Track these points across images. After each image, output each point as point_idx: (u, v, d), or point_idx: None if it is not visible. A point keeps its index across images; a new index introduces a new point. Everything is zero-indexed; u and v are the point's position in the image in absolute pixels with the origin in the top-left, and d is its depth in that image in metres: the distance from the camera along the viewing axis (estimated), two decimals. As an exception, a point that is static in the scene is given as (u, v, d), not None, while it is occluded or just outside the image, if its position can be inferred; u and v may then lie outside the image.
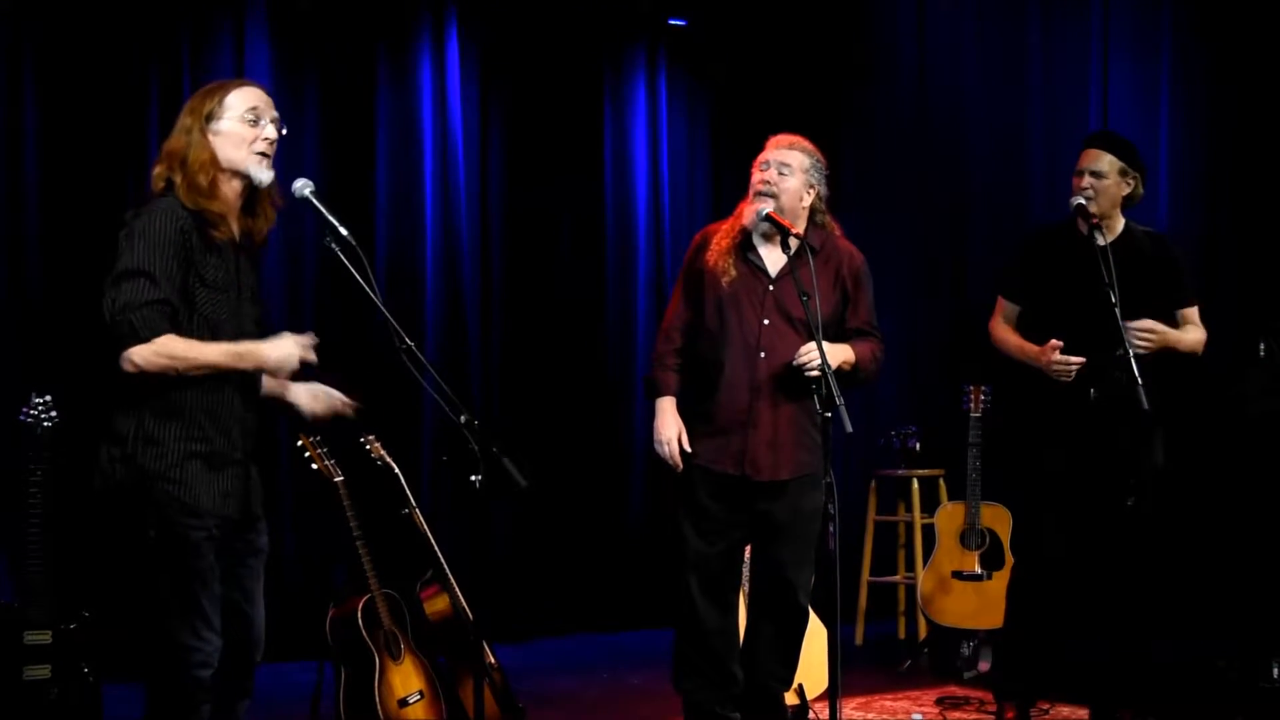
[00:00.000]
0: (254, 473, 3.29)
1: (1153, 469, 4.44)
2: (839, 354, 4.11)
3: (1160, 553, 4.55)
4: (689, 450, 4.20)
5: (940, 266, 7.23)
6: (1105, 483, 4.42)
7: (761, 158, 4.25)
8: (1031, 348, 4.47)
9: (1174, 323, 4.51)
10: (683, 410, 4.27)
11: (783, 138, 4.29)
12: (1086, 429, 4.41)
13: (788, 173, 4.19)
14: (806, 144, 4.27)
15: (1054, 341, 4.38)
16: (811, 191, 4.23)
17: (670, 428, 4.22)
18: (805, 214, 4.24)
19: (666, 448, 4.21)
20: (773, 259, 4.24)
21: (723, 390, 4.18)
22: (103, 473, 3.14)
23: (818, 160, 4.26)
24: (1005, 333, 4.62)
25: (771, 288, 4.20)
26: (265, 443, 3.36)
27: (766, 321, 4.18)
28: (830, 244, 4.28)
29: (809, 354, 3.98)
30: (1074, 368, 4.35)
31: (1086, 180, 4.45)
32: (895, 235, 7.27)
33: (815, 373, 3.93)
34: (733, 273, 4.21)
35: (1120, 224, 4.51)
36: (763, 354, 4.16)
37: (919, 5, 7.36)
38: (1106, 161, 4.45)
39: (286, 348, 3.20)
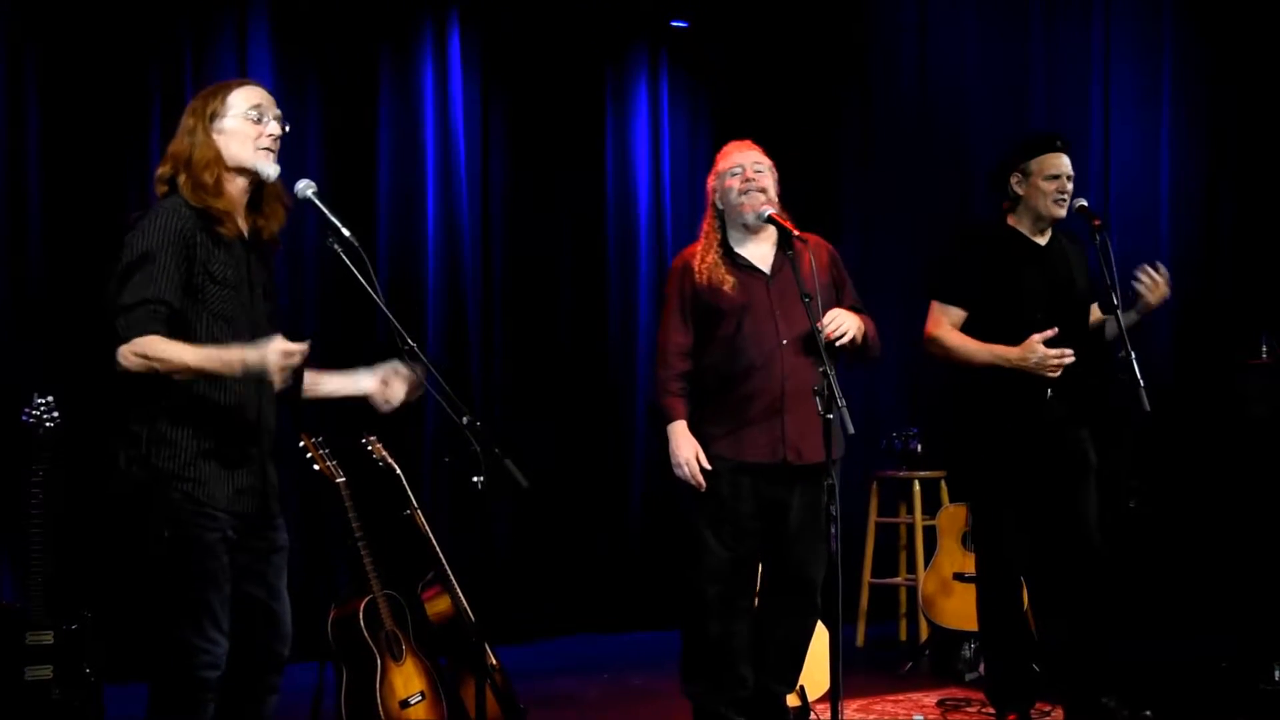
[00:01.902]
0: (271, 471, 3.26)
1: (1087, 468, 4.40)
2: (856, 322, 4.14)
3: (1123, 550, 4.52)
4: (709, 468, 4.18)
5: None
6: (1068, 482, 4.39)
7: (728, 165, 4.26)
8: (1010, 350, 4.30)
9: (1088, 316, 4.53)
10: (702, 418, 4.24)
11: (738, 143, 4.33)
12: (1046, 430, 4.37)
13: (764, 170, 4.24)
14: (756, 145, 4.33)
15: (1036, 336, 4.25)
16: (777, 187, 4.28)
17: (687, 449, 4.19)
18: None
19: (686, 468, 4.18)
20: (760, 255, 4.26)
21: (752, 387, 4.16)
22: (119, 474, 3.13)
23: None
24: (960, 339, 4.43)
25: (771, 283, 4.22)
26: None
27: (778, 312, 4.19)
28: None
29: (835, 322, 4.03)
30: (1067, 359, 4.25)
31: (1066, 184, 4.41)
32: (896, 235, 7.27)
33: (846, 340, 4.04)
34: (730, 279, 4.21)
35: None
36: (784, 341, 4.16)
37: (920, 5, 7.37)
38: (1071, 165, 4.45)
39: (266, 355, 3.01)
